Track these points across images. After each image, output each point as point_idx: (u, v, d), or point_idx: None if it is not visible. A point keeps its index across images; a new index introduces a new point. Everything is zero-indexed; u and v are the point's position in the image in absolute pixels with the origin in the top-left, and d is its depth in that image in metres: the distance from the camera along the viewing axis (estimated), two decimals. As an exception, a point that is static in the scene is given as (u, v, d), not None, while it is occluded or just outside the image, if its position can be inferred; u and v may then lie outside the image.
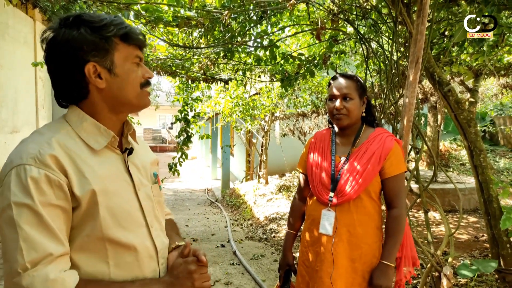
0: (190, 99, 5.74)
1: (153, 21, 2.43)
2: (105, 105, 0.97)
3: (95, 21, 0.93)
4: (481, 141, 3.26)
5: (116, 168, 0.99)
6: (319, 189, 1.74)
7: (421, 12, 2.56)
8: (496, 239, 3.14)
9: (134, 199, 1.00)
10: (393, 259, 1.63)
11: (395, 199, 1.69)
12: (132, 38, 0.96)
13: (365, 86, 1.78)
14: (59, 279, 0.82)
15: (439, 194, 5.83)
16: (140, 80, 0.99)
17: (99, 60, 0.93)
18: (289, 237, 1.90)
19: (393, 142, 1.70)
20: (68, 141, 0.92)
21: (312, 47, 4.69)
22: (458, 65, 4.36)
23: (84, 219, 0.90)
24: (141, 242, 0.98)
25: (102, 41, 0.92)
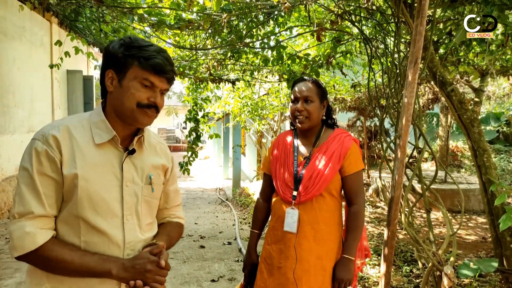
0: (199, 99, 5.84)
1: (156, 24, 2.53)
2: (112, 108, 1.15)
3: (132, 43, 1.12)
4: (485, 141, 3.25)
5: (109, 162, 1.14)
6: (283, 188, 1.81)
7: (420, 13, 2.57)
8: (499, 240, 3.13)
9: (116, 192, 1.14)
10: (353, 253, 1.73)
11: (355, 196, 1.79)
12: (146, 64, 1.10)
13: (325, 91, 1.87)
14: (31, 233, 1.02)
15: (448, 194, 5.79)
16: (140, 99, 1.12)
17: (117, 70, 1.12)
18: (253, 237, 1.95)
19: (351, 142, 1.80)
20: (77, 130, 1.12)
21: (320, 47, 4.73)
22: (466, 64, 4.34)
23: (68, 196, 1.09)
24: (110, 229, 1.11)
25: (123, 58, 1.11)
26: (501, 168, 8.25)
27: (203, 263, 4.10)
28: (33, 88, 7.07)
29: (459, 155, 9.09)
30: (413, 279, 3.39)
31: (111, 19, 3.05)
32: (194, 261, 4.22)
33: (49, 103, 7.82)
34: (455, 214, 5.57)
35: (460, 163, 8.90)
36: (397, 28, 3.11)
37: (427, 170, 7.81)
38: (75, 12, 3.41)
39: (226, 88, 7.15)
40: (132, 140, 1.20)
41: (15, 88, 6.41)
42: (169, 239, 1.30)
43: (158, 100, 1.16)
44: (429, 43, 3.03)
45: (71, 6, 3.00)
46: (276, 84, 6.15)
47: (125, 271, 1.09)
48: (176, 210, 1.43)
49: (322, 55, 4.08)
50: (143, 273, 1.09)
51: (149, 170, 1.23)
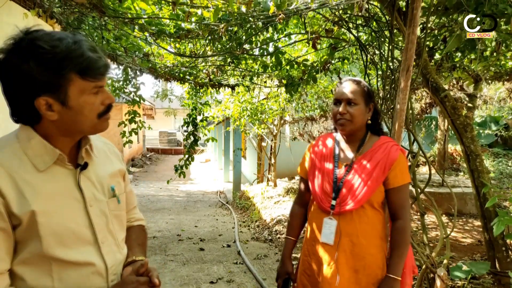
0: (199, 103, 5.93)
1: (156, 34, 2.62)
2: (57, 131, 0.96)
3: (50, 54, 0.87)
4: (478, 145, 3.32)
5: (63, 186, 0.97)
6: (321, 197, 1.67)
7: (411, 22, 2.64)
8: (492, 242, 3.20)
9: (82, 216, 0.99)
10: (399, 272, 1.56)
11: (400, 211, 1.62)
12: (90, 73, 0.91)
13: (372, 93, 1.70)
14: None
15: (445, 198, 5.84)
16: (98, 109, 0.96)
17: (51, 94, 0.89)
18: (288, 244, 1.82)
19: (398, 152, 1.64)
20: (12, 160, 0.91)
21: (318, 52, 4.82)
22: (461, 70, 4.41)
23: (26, 236, 0.91)
24: (87, 258, 0.97)
25: (55, 78, 0.88)
26: (500, 172, 8.30)
27: (203, 265, 4.17)
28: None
29: (458, 159, 9.15)
30: (408, 281, 3.45)
31: (113, 27, 3.14)
32: (194, 263, 4.29)
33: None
34: (452, 217, 5.63)
35: (458, 166, 8.95)
36: (391, 36, 3.19)
37: (425, 174, 7.87)
38: (78, 20, 3.49)
39: (226, 92, 7.24)
40: (77, 152, 1.02)
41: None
42: (143, 249, 1.18)
43: (111, 97, 0.99)
44: (422, 50, 3.12)
45: (74, 15, 3.10)
46: (275, 88, 6.23)
47: None
48: (135, 212, 1.28)
49: (319, 61, 4.17)
50: None
51: (108, 181, 1.08)
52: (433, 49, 3.93)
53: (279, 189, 8.32)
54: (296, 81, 4.48)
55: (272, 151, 8.96)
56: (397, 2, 2.95)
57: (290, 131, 9.58)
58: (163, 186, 12.28)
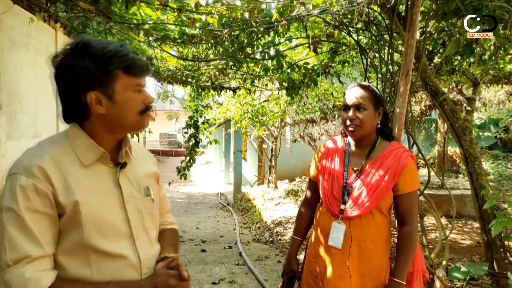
0: (200, 106, 5.98)
1: (161, 39, 2.67)
2: (103, 127, 1.05)
3: (101, 53, 1.00)
4: (476, 148, 3.37)
5: (104, 181, 1.06)
6: (330, 200, 1.69)
7: (411, 27, 2.69)
8: (490, 244, 3.24)
9: (119, 211, 1.07)
10: (404, 276, 1.57)
11: (408, 216, 1.62)
12: (134, 70, 1.04)
13: (381, 97, 1.70)
14: (33, 278, 0.92)
15: (445, 200, 5.88)
16: (139, 107, 1.06)
17: (101, 89, 1.01)
18: (294, 244, 1.85)
19: (408, 158, 1.63)
20: (61, 155, 1.01)
21: (318, 56, 4.88)
22: (460, 73, 4.47)
23: (69, 225, 0.99)
24: (123, 251, 1.04)
25: (104, 73, 1.00)
26: (499, 174, 8.34)
27: (204, 266, 4.22)
28: (38, 94, 7.23)
29: (457, 161, 9.19)
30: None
31: (117, 31, 3.19)
32: (196, 264, 4.33)
33: (53, 110, 7.95)
34: (451, 219, 5.67)
35: (458, 168, 8.99)
36: (390, 40, 3.24)
37: (425, 176, 7.91)
38: (82, 25, 3.54)
39: (228, 95, 7.30)
40: (118, 152, 1.12)
41: (22, 95, 6.57)
42: (175, 249, 1.25)
43: (150, 98, 1.10)
44: (422, 54, 3.17)
45: (80, 20, 3.15)
46: (276, 91, 6.29)
47: None
48: (168, 216, 1.37)
49: (320, 65, 4.22)
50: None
51: (144, 181, 1.17)
52: (432, 52, 3.98)
53: (279, 191, 8.36)
54: (297, 84, 4.54)
55: (273, 153, 9.01)
56: (397, 7, 3.00)
57: (291, 133, 9.63)
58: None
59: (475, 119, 11.29)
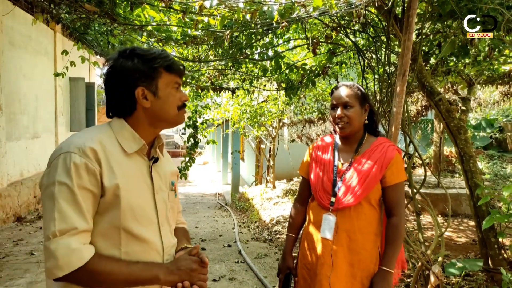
0: (199, 106, 6.04)
1: (163, 40, 2.73)
2: (147, 120, 1.18)
3: (147, 54, 1.15)
4: (471, 147, 3.44)
5: (140, 171, 1.17)
6: (321, 194, 1.76)
7: (407, 29, 2.76)
8: (485, 240, 3.32)
9: (151, 199, 1.17)
10: (393, 265, 1.65)
11: (395, 207, 1.70)
12: (173, 69, 1.17)
13: (366, 95, 1.80)
14: (78, 249, 1.00)
15: (441, 198, 5.97)
16: (178, 102, 1.20)
17: (147, 85, 1.14)
18: (289, 241, 1.91)
19: (394, 152, 1.73)
20: (107, 141, 1.12)
21: (316, 57, 4.94)
22: (455, 74, 4.55)
23: (108, 207, 1.07)
24: (150, 236, 1.14)
25: (150, 71, 1.14)
26: (494, 173, 8.45)
27: (205, 265, 4.27)
28: (37, 95, 7.26)
29: (453, 161, 9.29)
30: (404, 278, 3.57)
31: (119, 32, 3.24)
32: (196, 262, 4.38)
33: (52, 110, 8.00)
34: (447, 217, 5.75)
35: (454, 168, 9.09)
36: (387, 41, 3.31)
37: (422, 175, 8.00)
38: (84, 26, 3.59)
39: (226, 95, 7.36)
40: (151, 148, 1.23)
41: (21, 96, 6.59)
42: (190, 242, 1.35)
43: (186, 96, 1.24)
44: (418, 55, 3.24)
45: (82, 21, 3.20)
46: (274, 91, 6.35)
47: (172, 274, 1.12)
48: (180, 216, 1.47)
49: (318, 66, 4.29)
50: (189, 273, 1.14)
51: (169, 176, 1.29)
52: (428, 53, 4.06)
53: (277, 190, 8.43)
54: (295, 84, 4.60)
55: (271, 153, 9.08)
56: (394, 9, 3.07)
57: (289, 134, 9.70)
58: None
59: (471, 119, 11.41)
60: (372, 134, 1.83)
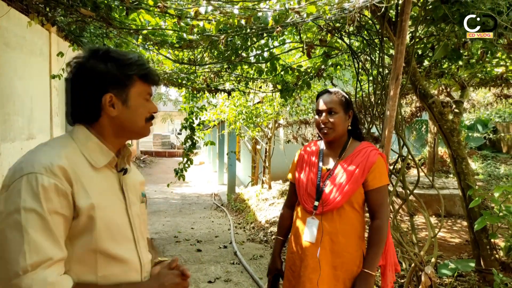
0: (195, 108, 6.05)
1: (159, 43, 2.74)
2: (111, 130, 1.08)
3: (122, 59, 1.06)
4: (464, 149, 3.49)
5: (111, 186, 1.08)
6: (305, 198, 1.81)
7: (400, 33, 2.79)
8: (477, 241, 3.36)
9: (125, 215, 1.09)
10: (374, 268, 1.69)
11: (378, 211, 1.74)
12: (149, 79, 1.11)
13: (350, 101, 1.84)
14: (56, 282, 0.88)
15: (435, 199, 6.02)
16: (146, 114, 1.12)
17: (117, 92, 1.05)
18: (277, 243, 1.96)
19: (377, 156, 1.76)
20: (74, 157, 1.00)
21: (312, 59, 4.98)
22: (449, 76, 4.60)
23: (82, 230, 0.97)
24: (129, 256, 1.06)
25: (124, 77, 1.06)
26: (488, 174, 8.53)
27: (200, 266, 4.29)
28: (32, 96, 7.22)
29: (448, 161, 9.36)
30: (398, 279, 3.60)
31: (115, 35, 3.25)
32: (192, 263, 4.40)
33: (47, 111, 7.96)
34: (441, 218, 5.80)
35: (448, 168, 9.16)
36: (381, 45, 3.35)
37: (416, 176, 8.05)
38: (80, 28, 3.59)
39: (222, 96, 7.38)
40: (118, 157, 1.13)
41: (16, 97, 6.57)
42: (161, 256, 1.28)
43: (156, 108, 1.16)
44: (411, 58, 3.28)
45: (78, 24, 3.21)
46: (269, 93, 6.38)
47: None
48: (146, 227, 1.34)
49: (313, 68, 4.32)
50: (174, 287, 1.09)
51: (139, 188, 1.21)
52: (422, 56, 4.10)
53: (273, 191, 8.45)
54: (290, 86, 4.63)
55: (267, 154, 9.10)
56: (387, 13, 3.11)
57: (284, 134, 9.73)
58: (158, 189, 12.34)
59: (465, 119, 11.50)
60: (356, 139, 1.88)
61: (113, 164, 1.10)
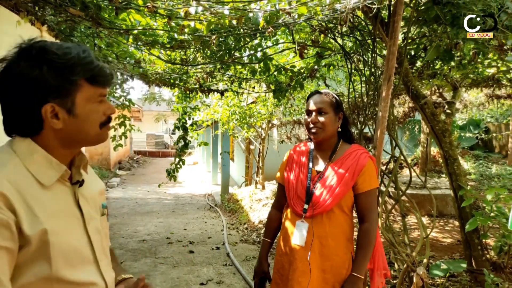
0: (188, 108, 6.02)
1: (150, 43, 2.72)
2: (59, 142, 0.92)
3: (62, 60, 0.87)
4: (455, 150, 3.50)
5: (65, 203, 0.94)
6: (294, 201, 1.79)
7: (392, 34, 2.79)
8: (469, 242, 3.38)
9: (83, 234, 0.97)
10: (362, 271, 1.69)
11: (367, 214, 1.74)
12: (98, 80, 0.93)
13: (340, 103, 1.84)
14: None
15: (427, 199, 6.05)
16: (100, 119, 0.96)
17: (59, 101, 0.88)
18: (265, 245, 1.95)
19: (367, 159, 1.76)
20: (17, 176, 0.85)
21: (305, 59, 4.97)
22: (441, 77, 4.62)
23: (33, 258, 0.85)
24: (90, 279, 0.95)
25: (66, 84, 0.88)
26: (480, 174, 8.60)
27: (192, 268, 4.26)
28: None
29: (440, 161, 9.42)
30: (390, 280, 3.61)
31: (105, 35, 3.22)
32: (184, 265, 4.38)
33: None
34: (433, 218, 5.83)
35: (441, 168, 9.22)
36: (373, 45, 3.35)
37: (409, 176, 8.08)
38: (70, 28, 3.56)
39: (215, 96, 7.35)
40: (70, 168, 0.98)
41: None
42: (122, 269, 1.18)
43: (112, 108, 0.99)
44: (404, 59, 3.28)
45: (68, 23, 3.17)
46: (263, 93, 6.37)
47: None
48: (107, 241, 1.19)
49: (306, 68, 4.31)
50: None
51: (98, 199, 1.07)
52: (414, 57, 4.12)
53: (267, 191, 8.44)
54: (284, 86, 4.62)
55: (260, 154, 9.09)
56: (379, 14, 3.11)
57: (278, 134, 9.73)
58: (151, 189, 12.27)
59: (457, 120, 11.59)
60: (347, 141, 1.88)
61: (66, 177, 0.96)
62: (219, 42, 2.98)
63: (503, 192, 3.03)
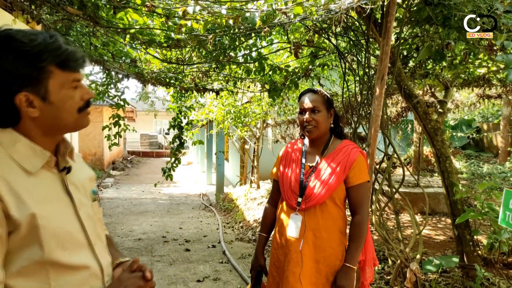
0: (184, 107, 6.04)
1: (147, 43, 2.74)
2: (39, 130, 0.93)
3: (28, 47, 0.86)
4: (447, 148, 3.57)
5: (53, 190, 0.95)
6: (289, 194, 1.86)
7: (386, 34, 2.84)
8: (460, 238, 3.44)
9: (75, 219, 0.98)
10: (355, 262, 1.75)
11: (358, 207, 1.80)
12: (69, 65, 0.92)
13: (331, 100, 1.91)
14: None
15: (420, 197, 6.13)
16: (78, 104, 0.96)
17: (32, 89, 0.88)
18: (261, 240, 2.01)
19: (357, 154, 1.82)
20: (2, 165, 0.87)
21: (299, 59, 5.02)
22: (433, 77, 4.70)
23: (24, 243, 0.86)
24: (85, 261, 0.96)
25: (34, 71, 0.87)
26: (471, 173, 8.72)
27: (189, 265, 4.29)
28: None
29: (433, 160, 9.53)
30: (384, 275, 3.67)
31: (102, 34, 3.24)
32: (180, 263, 4.40)
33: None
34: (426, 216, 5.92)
35: (433, 167, 9.33)
36: (367, 45, 3.40)
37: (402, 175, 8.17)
38: (66, 27, 3.57)
39: (210, 96, 7.38)
40: (57, 155, 0.99)
41: None
42: (121, 253, 1.19)
43: (89, 92, 0.99)
44: (397, 59, 3.34)
45: (64, 22, 3.18)
46: (257, 93, 6.41)
47: None
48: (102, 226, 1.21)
49: (300, 68, 4.36)
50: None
51: (88, 185, 1.08)
52: (407, 57, 4.18)
53: (262, 190, 8.48)
54: (278, 86, 4.66)
55: (255, 153, 9.13)
56: (373, 14, 3.17)
57: (273, 134, 9.77)
58: (145, 189, 12.25)
59: (450, 120, 11.73)
60: (338, 137, 1.94)
61: (52, 164, 0.97)
62: (215, 41, 3.02)
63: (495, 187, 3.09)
